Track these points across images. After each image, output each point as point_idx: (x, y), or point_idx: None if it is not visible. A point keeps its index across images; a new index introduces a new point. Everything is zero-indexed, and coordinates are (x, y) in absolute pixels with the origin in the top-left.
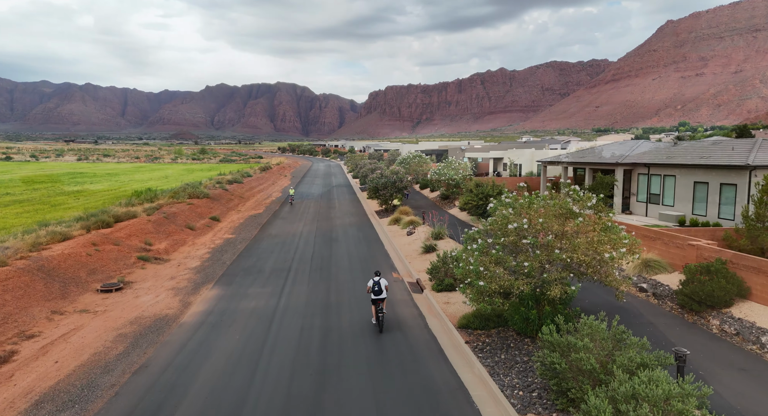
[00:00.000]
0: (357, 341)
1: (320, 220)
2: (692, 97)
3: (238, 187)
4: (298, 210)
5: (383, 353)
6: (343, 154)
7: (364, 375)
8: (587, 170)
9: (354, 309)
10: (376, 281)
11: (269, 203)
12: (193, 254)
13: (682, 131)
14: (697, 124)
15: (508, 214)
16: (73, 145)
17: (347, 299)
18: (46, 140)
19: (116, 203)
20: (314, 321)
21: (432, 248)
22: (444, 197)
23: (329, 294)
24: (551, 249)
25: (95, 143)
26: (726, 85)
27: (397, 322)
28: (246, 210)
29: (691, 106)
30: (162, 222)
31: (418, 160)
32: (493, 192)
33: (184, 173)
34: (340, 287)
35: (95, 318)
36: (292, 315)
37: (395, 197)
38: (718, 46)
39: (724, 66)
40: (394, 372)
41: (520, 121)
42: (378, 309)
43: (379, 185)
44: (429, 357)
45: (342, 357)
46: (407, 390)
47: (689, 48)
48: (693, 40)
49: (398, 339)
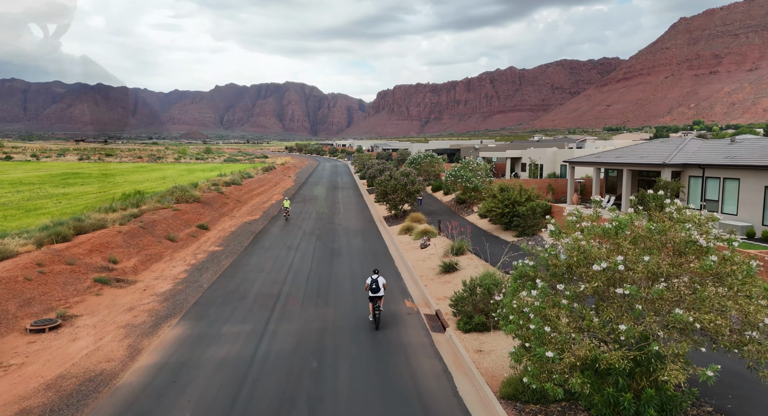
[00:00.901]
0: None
1: (322, 228)
2: (706, 95)
3: (235, 189)
4: (299, 216)
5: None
6: (350, 153)
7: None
8: (625, 172)
9: (358, 362)
10: (374, 280)
11: (268, 208)
12: (167, 273)
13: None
14: (711, 123)
15: (588, 246)
16: (82, 144)
17: (347, 343)
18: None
19: (95, 209)
20: (301, 385)
21: (452, 267)
22: (460, 201)
23: (324, 336)
24: (666, 305)
25: (104, 143)
26: (741, 83)
27: (414, 386)
28: (241, 216)
29: (704, 104)
30: (136, 233)
31: (430, 160)
32: (521, 198)
33: (184, 173)
34: (340, 323)
35: (0, 379)
36: (273, 372)
37: (406, 202)
38: (733, 44)
39: (738, 64)
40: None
41: (530, 120)
42: (375, 307)
43: (388, 188)
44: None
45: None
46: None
47: (703, 46)
48: (707, 38)
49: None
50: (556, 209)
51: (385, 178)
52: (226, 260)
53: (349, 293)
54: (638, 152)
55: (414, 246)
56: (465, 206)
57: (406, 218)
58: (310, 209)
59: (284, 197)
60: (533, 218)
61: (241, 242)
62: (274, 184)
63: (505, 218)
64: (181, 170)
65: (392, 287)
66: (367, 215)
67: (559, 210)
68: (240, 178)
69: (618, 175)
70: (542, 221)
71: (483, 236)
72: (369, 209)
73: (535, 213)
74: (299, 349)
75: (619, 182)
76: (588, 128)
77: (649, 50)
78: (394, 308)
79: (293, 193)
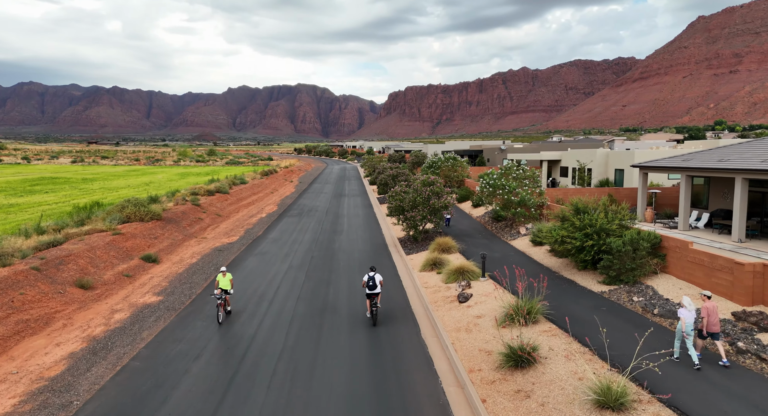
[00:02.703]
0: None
1: (316, 259)
2: (726, 95)
3: (219, 199)
4: (289, 237)
5: None
6: (360, 155)
7: None
8: (739, 182)
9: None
10: (371, 277)
11: (254, 224)
12: (31, 365)
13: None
14: (733, 123)
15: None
16: (94, 146)
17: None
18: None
19: (16, 231)
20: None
21: (525, 359)
22: (497, 218)
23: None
24: None
25: (116, 145)
26: (762, 82)
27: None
28: (215, 237)
29: (724, 104)
30: (20, 280)
31: (452, 163)
32: (610, 223)
33: (175, 178)
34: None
35: None
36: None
37: (429, 221)
38: (754, 42)
39: (759, 63)
40: None
41: (543, 121)
42: (372, 303)
43: (405, 203)
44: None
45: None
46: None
47: (722, 44)
48: (726, 36)
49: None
50: (672, 245)
51: (401, 188)
52: (154, 327)
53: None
54: (752, 152)
55: (447, 296)
56: (505, 224)
57: (430, 245)
58: (308, 225)
59: (222, 269)
60: (635, 257)
61: (194, 286)
62: (271, 191)
63: (586, 254)
64: (174, 174)
65: (424, 402)
66: (376, 236)
67: (677, 246)
68: (228, 185)
69: (707, 183)
70: (650, 262)
71: (550, 278)
72: (380, 226)
73: (638, 250)
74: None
75: (721, 195)
76: (604, 129)
77: (666, 49)
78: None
79: (291, 202)
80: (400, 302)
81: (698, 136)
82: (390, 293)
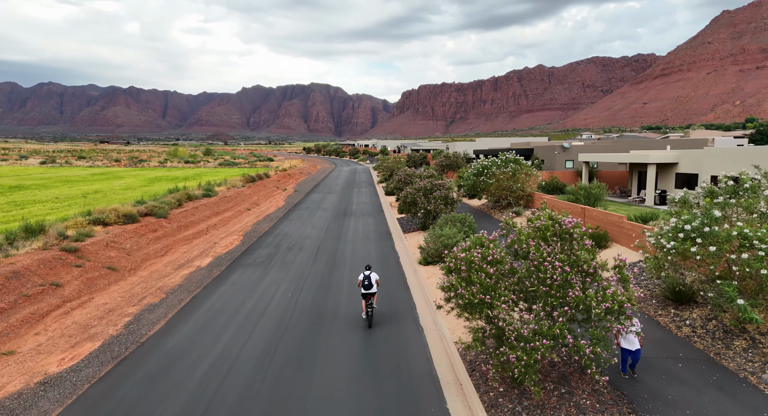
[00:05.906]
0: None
1: (293, 352)
2: (753, 91)
3: (142, 229)
4: (245, 314)
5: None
6: (373, 155)
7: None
8: None
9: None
10: (367, 276)
11: (218, 256)
12: None
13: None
14: (764, 120)
15: None
16: (105, 146)
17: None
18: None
19: None
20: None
21: None
22: (676, 294)
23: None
24: None
25: (126, 144)
26: None
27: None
28: (148, 282)
29: (751, 101)
30: None
31: (513, 169)
32: None
33: (140, 184)
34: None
35: None
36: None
37: None
38: None
39: None
40: None
41: (560, 119)
42: (368, 304)
43: (483, 283)
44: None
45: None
46: None
47: (748, 39)
48: (753, 31)
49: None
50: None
51: (448, 219)
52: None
53: None
54: None
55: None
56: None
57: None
58: (266, 299)
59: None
60: None
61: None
62: (249, 206)
63: None
64: (144, 179)
65: None
66: (404, 298)
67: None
68: (179, 200)
69: None
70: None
71: None
72: (403, 270)
73: None
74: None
75: None
76: (624, 127)
77: (689, 45)
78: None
79: (267, 229)
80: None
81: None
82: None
